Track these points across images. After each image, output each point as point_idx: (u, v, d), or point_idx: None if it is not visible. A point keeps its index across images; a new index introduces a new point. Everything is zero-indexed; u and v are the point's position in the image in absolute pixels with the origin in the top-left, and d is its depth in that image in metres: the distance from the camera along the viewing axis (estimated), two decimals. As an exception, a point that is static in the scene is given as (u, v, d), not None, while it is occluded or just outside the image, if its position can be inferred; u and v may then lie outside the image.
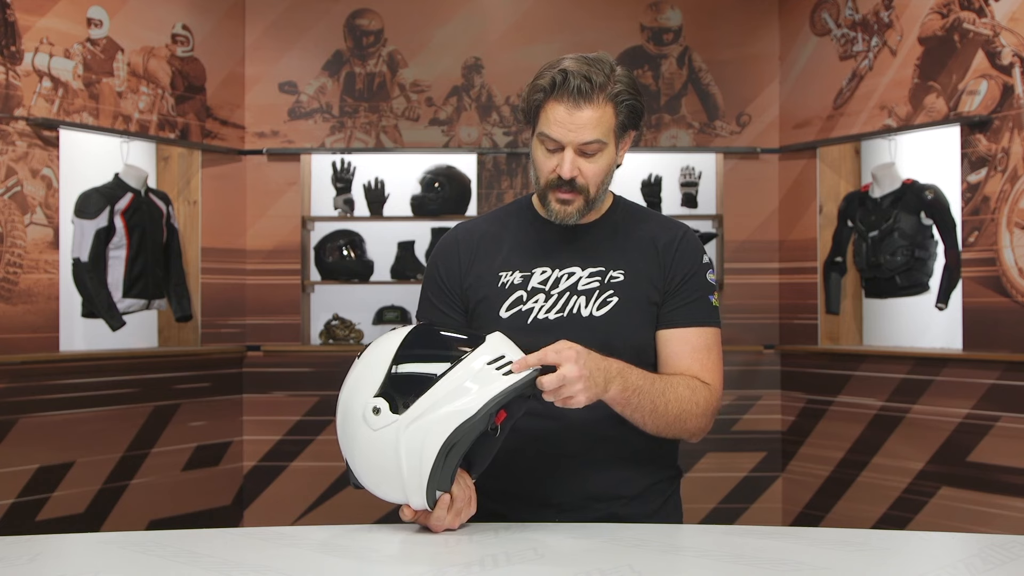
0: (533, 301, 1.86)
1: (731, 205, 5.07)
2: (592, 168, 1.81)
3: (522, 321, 1.85)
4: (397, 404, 1.60)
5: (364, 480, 1.65)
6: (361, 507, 4.95)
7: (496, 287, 1.88)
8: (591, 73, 1.75)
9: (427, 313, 1.94)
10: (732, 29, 5.10)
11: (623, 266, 1.87)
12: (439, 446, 1.58)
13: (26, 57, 4.08)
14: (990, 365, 4.02)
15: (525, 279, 1.88)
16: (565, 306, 1.85)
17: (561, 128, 1.77)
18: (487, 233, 1.95)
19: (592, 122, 1.76)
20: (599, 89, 1.76)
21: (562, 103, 1.76)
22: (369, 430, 1.61)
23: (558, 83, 1.75)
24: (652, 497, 1.90)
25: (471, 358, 1.61)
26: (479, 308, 1.89)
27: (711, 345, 1.88)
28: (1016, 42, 3.93)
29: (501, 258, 1.90)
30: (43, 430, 4.13)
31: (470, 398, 1.59)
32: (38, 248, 4.12)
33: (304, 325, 5.11)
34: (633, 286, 1.86)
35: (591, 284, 1.86)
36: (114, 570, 1.49)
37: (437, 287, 1.94)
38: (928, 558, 1.59)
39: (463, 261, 1.92)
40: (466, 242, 1.94)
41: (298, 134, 5.08)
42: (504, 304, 1.87)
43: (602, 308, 1.84)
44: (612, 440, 1.84)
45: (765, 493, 4.98)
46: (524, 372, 1.61)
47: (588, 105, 1.76)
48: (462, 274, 1.92)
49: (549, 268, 1.88)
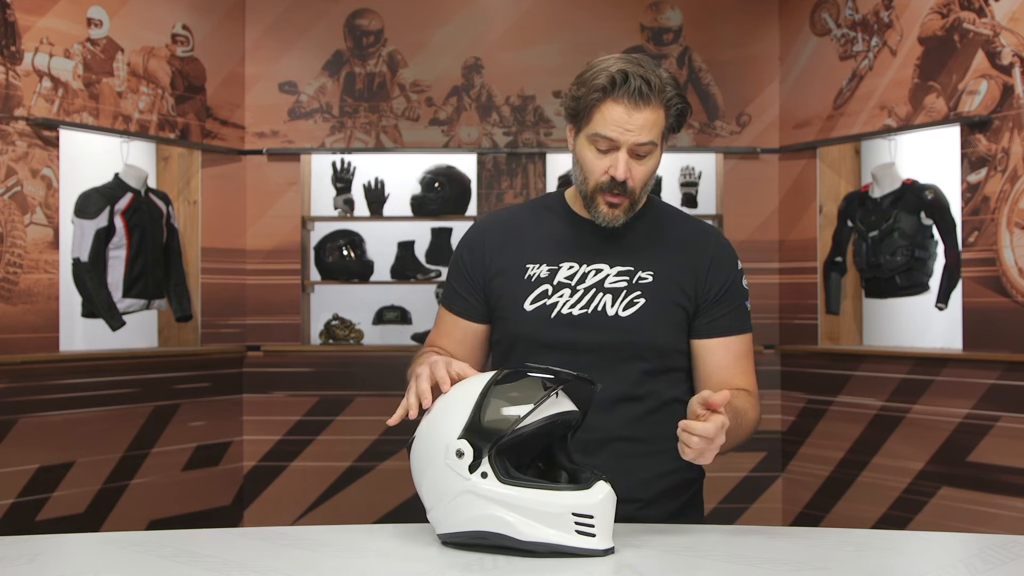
0: (558, 295, 1.85)
1: (731, 205, 5.07)
2: (642, 170, 1.80)
3: (545, 315, 1.84)
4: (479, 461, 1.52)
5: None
6: (361, 507, 4.96)
7: (522, 279, 1.88)
8: (648, 75, 1.75)
9: (450, 299, 1.96)
10: (732, 29, 5.10)
11: (652, 267, 1.86)
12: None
13: (26, 57, 4.08)
14: (990, 365, 4.02)
15: (552, 273, 1.87)
16: (590, 303, 1.84)
17: (619, 129, 1.76)
18: (517, 223, 1.95)
19: (649, 124, 1.76)
20: (657, 92, 1.76)
21: (621, 103, 1.75)
22: (446, 466, 1.55)
23: (618, 83, 1.74)
24: (667, 501, 1.88)
25: (567, 495, 1.52)
26: (503, 299, 1.89)
27: (748, 351, 1.91)
28: (1016, 42, 3.93)
29: (529, 250, 1.90)
30: (43, 430, 4.12)
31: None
32: (38, 248, 4.12)
33: (304, 325, 5.11)
34: (662, 288, 1.85)
35: (619, 283, 1.85)
36: (114, 570, 1.49)
37: (461, 275, 1.95)
38: (928, 558, 1.59)
39: (488, 251, 1.92)
40: (493, 232, 1.94)
41: (298, 134, 5.08)
42: (529, 297, 1.86)
43: (628, 309, 1.83)
44: (627, 441, 1.83)
45: (765, 493, 4.98)
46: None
47: (647, 107, 1.75)
48: (486, 264, 1.92)
49: (576, 263, 1.87)
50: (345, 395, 5.00)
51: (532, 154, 5.08)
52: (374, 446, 4.98)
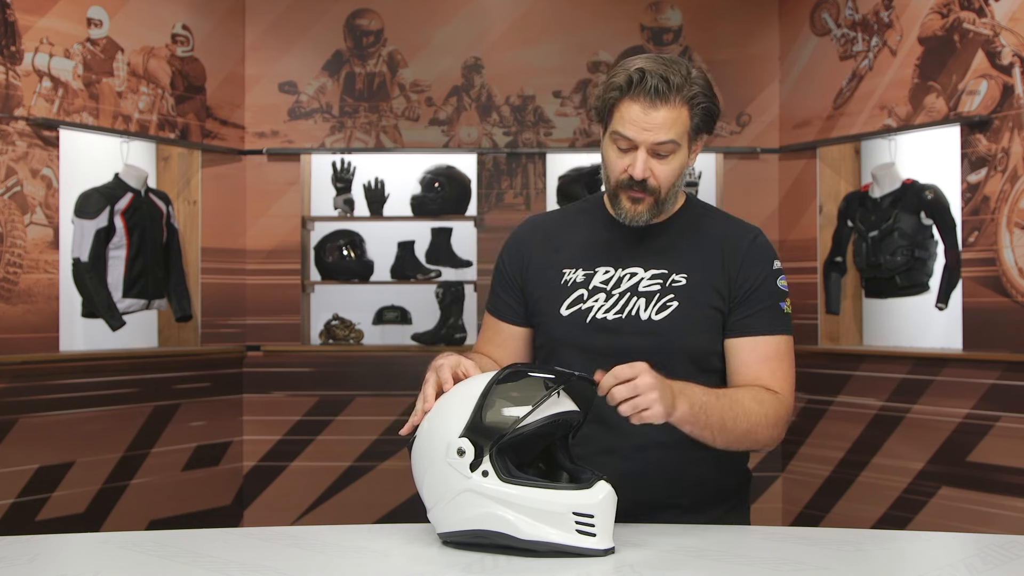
0: (593, 300, 1.85)
1: (731, 205, 5.06)
2: (664, 170, 1.79)
3: (581, 320, 1.84)
4: (480, 460, 1.52)
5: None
6: (361, 507, 4.96)
7: (559, 284, 1.88)
8: (668, 73, 1.74)
9: (493, 304, 1.97)
10: (732, 29, 5.10)
11: (686, 270, 1.84)
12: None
13: (26, 57, 4.08)
14: (990, 365, 4.02)
15: (588, 277, 1.87)
16: (624, 307, 1.83)
17: (635, 127, 1.75)
18: (555, 227, 1.96)
19: (667, 123, 1.75)
20: (676, 90, 1.74)
21: (638, 102, 1.74)
22: (446, 465, 1.55)
23: (635, 82, 1.74)
24: (709, 508, 1.86)
25: (566, 493, 1.51)
26: (540, 304, 1.90)
27: (783, 353, 1.84)
28: (1016, 42, 3.93)
29: (566, 255, 1.90)
30: (43, 430, 4.12)
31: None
32: (38, 248, 4.12)
33: (304, 325, 5.11)
34: (695, 291, 1.83)
35: (652, 287, 1.84)
36: (114, 570, 1.49)
37: (503, 279, 1.96)
38: (928, 558, 1.59)
39: (526, 256, 1.93)
40: (532, 237, 1.96)
41: (298, 134, 5.08)
42: (565, 302, 1.86)
43: (661, 312, 1.82)
44: (666, 447, 1.79)
45: (765, 493, 4.98)
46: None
47: (664, 105, 1.74)
48: (524, 268, 1.93)
49: (612, 268, 1.87)
50: (345, 395, 5.00)
51: (532, 154, 5.08)
52: (374, 446, 4.98)
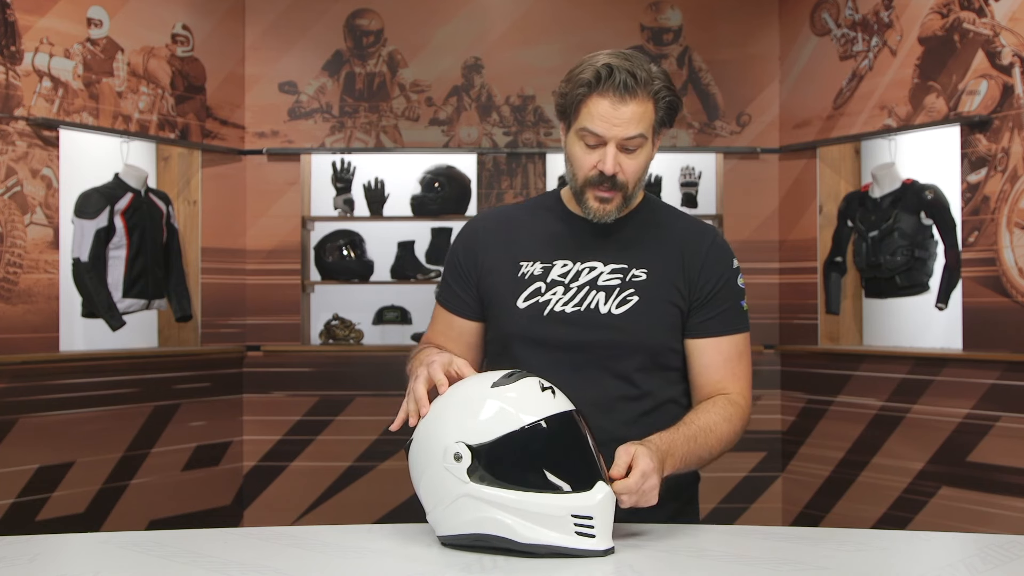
0: (551, 293, 1.85)
1: (731, 205, 5.07)
2: (632, 164, 1.79)
3: (538, 312, 1.84)
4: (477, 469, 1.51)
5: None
6: (361, 507, 4.96)
7: (515, 277, 1.88)
8: (634, 68, 1.75)
9: (445, 296, 1.96)
10: (732, 29, 5.10)
11: (646, 265, 1.85)
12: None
13: (26, 57, 4.08)
14: (990, 365, 4.02)
15: (545, 270, 1.87)
16: (583, 300, 1.83)
17: (605, 123, 1.75)
18: (512, 221, 1.95)
19: (636, 117, 1.75)
20: (643, 85, 1.75)
21: (606, 97, 1.75)
22: (443, 469, 1.55)
23: (603, 77, 1.74)
24: (663, 503, 1.86)
25: (565, 497, 1.51)
26: (495, 297, 1.89)
27: (742, 352, 1.88)
28: (1016, 42, 3.93)
29: (523, 248, 1.90)
30: (43, 430, 4.12)
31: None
32: (38, 248, 4.12)
33: (304, 325, 5.11)
34: (655, 286, 1.84)
35: (612, 281, 1.84)
36: (114, 570, 1.49)
37: (455, 271, 1.95)
38: (928, 558, 1.59)
39: (481, 248, 1.92)
40: (488, 229, 1.95)
41: (298, 134, 5.08)
42: (522, 295, 1.86)
43: (621, 307, 1.83)
44: (624, 442, 1.82)
45: (765, 493, 4.98)
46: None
47: (633, 100, 1.75)
48: (479, 261, 1.92)
49: (570, 261, 1.87)
50: (345, 395, 5.00)
51: (532, 154, 5.08)
52: (374, 446, 4.98)
